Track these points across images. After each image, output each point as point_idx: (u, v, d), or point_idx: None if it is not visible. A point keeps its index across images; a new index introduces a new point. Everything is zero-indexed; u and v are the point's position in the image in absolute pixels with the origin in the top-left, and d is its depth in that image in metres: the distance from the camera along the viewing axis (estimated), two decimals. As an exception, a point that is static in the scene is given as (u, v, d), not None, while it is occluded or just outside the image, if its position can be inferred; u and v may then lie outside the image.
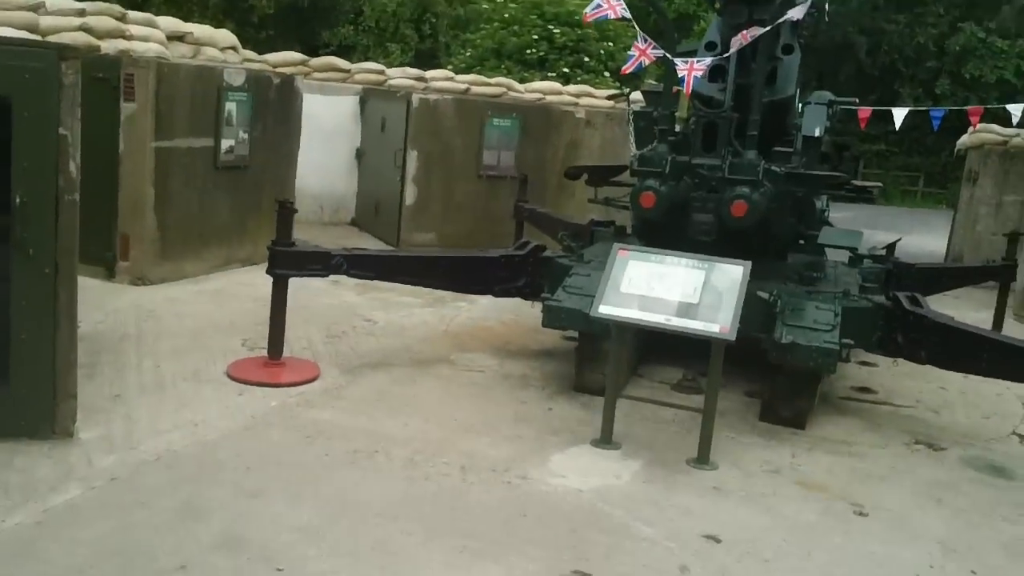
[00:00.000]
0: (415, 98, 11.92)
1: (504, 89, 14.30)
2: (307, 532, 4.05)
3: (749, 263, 5.44)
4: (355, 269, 6.48)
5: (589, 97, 14.91)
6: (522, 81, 16.29)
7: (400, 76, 13.98)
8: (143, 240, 8.42)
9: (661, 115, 6.91)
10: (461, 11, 26.09)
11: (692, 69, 5.94)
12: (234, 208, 9.50)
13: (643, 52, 6.09)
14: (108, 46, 9.59)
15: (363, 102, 13.50)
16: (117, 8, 10.10)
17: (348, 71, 13.76)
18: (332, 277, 6.63)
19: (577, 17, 22.11)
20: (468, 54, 23.20)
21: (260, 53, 13.55)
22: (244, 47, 13.92)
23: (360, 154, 13.57)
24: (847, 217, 11.80)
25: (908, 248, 9.15)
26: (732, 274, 5.39)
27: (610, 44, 22.08)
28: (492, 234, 11.04)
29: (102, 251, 8.31)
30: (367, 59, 23.73)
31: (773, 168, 6.56)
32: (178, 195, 8.73)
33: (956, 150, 15.32)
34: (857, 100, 9.32)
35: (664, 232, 6.78)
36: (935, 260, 13.02)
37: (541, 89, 14.91)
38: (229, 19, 19.59)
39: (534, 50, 21.78)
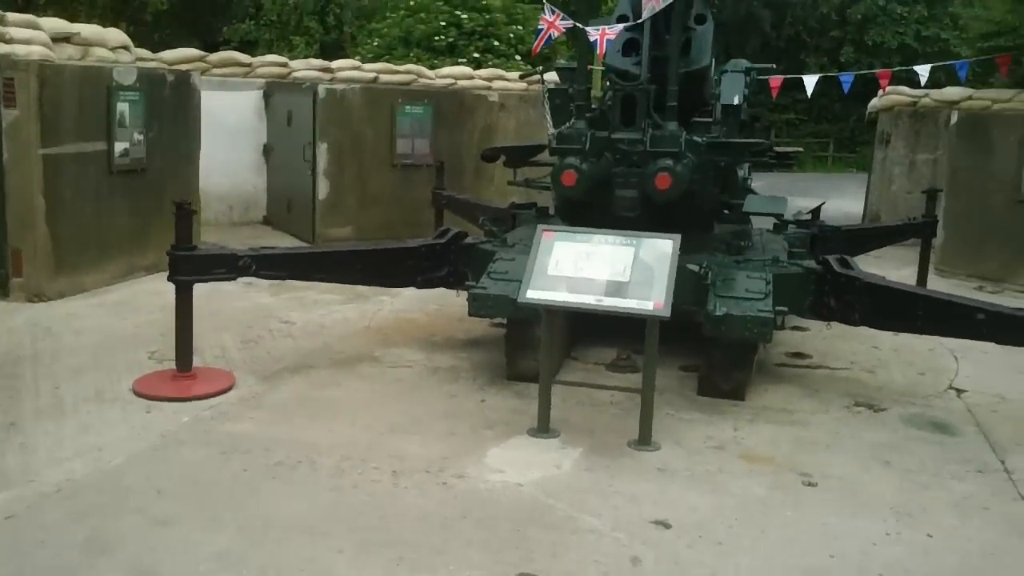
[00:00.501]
0: (321, 89, 11.48)
1: (414, 76, 13.93)
2: (226, 559, 3.69)
3: (678, 236, 5.24)
4: (265, 270, 6.08)
5: (501, 80, 14.66)
6: (432, 68, 15.94)
7: (304, 68, 13.49)
8: (36, 254, 7.85)
9: (577, 91, 6.66)
10: (366, 1, 25.50)
11: (604, 35, 5.70)
12: (133, 214, 8.97)
13: (551, 24, 5.84)
14: (-14, 49, 8.95)
15: (267, 96, 12.99)
16: (-6, 10, 9.45)
17: (249, 65, 13.22)
18: (245, 279, 6.22)
19: (484, 1, 21.87)
20: (375, 44, 22.66)
21: (155, 52, 12.93)
22: (138, 47, 13.29)
23: (268, 150, 13.07)
24: (763, 185, 11.75)
25: (826, 212, 9.13)
26: (661, 248, 5.17)
27: (519, 28, 21.82)
28: (411, 224, 10.71)
29: (-8, 270, 7.75)
30: (270, 53, 23.16)
31: (694, 139, 6.37)
32: (71, 204, 8.18)
33: (867, 113, 15.50)
34: (774, 66, 9.24)
35: (588, 210, 6.54)
36: (853, 222, 13.13)
37: (452, 74, 14.58)
38: (120, 18, 18.76)
39: (442, 37, 21.36)
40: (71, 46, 10.54)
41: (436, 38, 21.34)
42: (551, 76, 9.02)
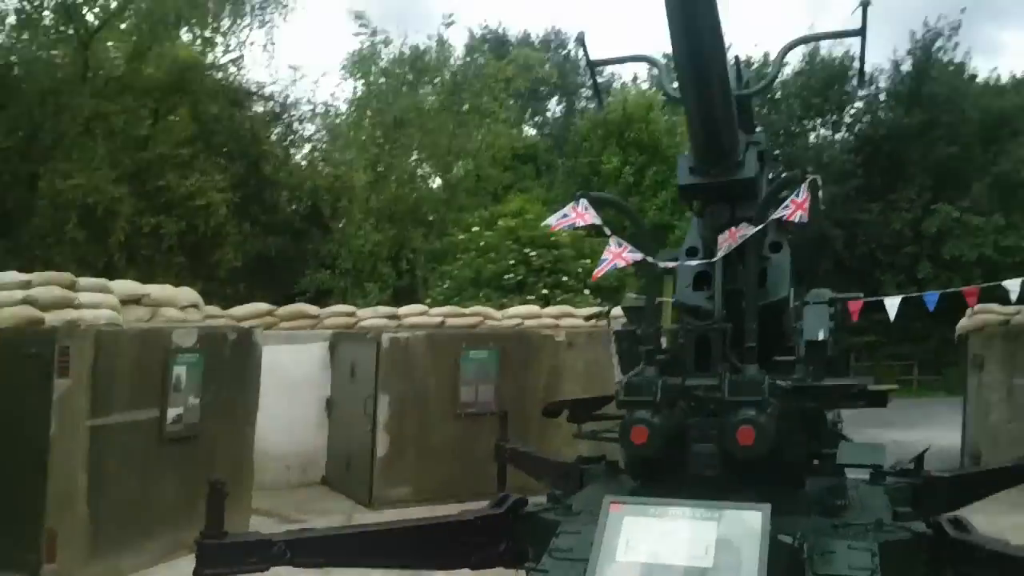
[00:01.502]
0: (385, 338, 11.27)
1: (481, 318, 13.75)
2: None
3: (768, 507, 4.45)
4: (302, 556, 5.41)
5: (569, 317, 14.37)
6: (502, 307, 15.84)
7: (372, 316, 13.44)
8: (73, 536, 7.37)
9: (645, 333, 6.10)
10: (438, 244, 26.19)
11: (616, 255, 5.24)
12: (182, 486, 8.49)
13: (617, 255, 5.38)
14: (54, 318, 8.99)
15: (333, 347, 12.85)
16: (67, 276, 9.60)
17: (317, 317, 13.24)
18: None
19: (552, 238, 22.14)
20: (446, 285, 22.99)
21: (227, 307, 13.07)
22: (211, 303, 13.49)
23: (330, 404, 12.75)
24: (849, 417, 10.82)
25: (919, 445, 8.14)
26: (749, 523, 4.38)
27: (588, 261, 21.94)
28: (475, 480, 9.96)
29: (24, 554, 7.24)
30: (344, 301, 23.58)
31: (778, 382, 5.69)
32: (115, 479, 7.78)
33: (956, 335, 14.60)
34: (862, 295, 8.58)
35: (661, 467, 5.80)
36: (954, 465, 11.91)
37: (519, 314, 14.38)
38: (196, 276, 19.46)
39: (512, 275, 21.57)
40: (141, 307, 10.67)
41: (505, 277, 21.54)
42: (619, 311, 8.58)
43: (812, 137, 37.24)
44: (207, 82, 22.46)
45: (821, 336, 6.28)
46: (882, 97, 36.43)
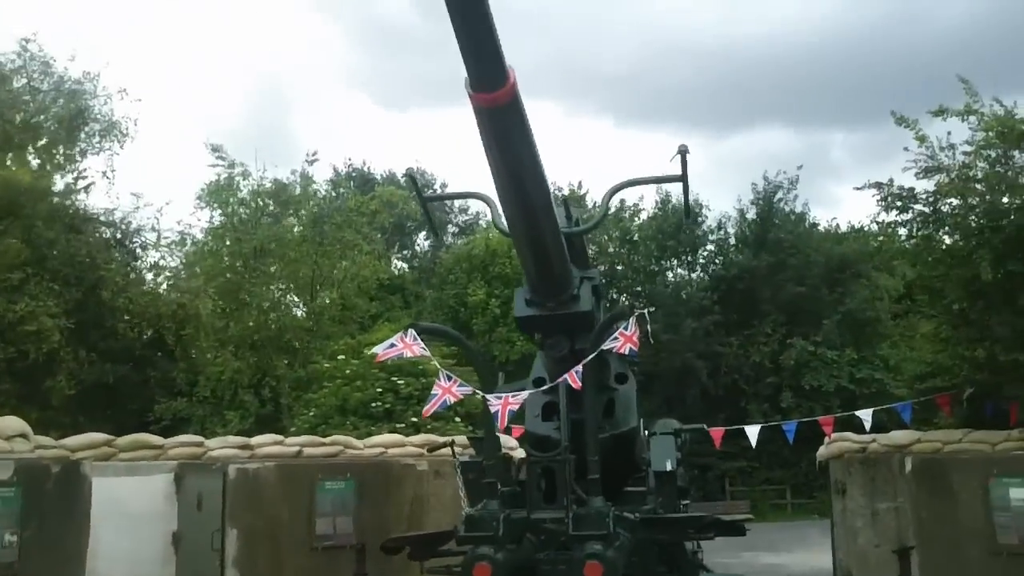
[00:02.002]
0: (231, 469, 10.65)
1: (341, 447, 13.16)
2: None
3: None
4: None
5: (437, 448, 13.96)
6: (369, 435, 15.26)
7: (221, 447, 12.61)
8: None
9: (489, 465, 5.89)
10: (302, 371, 25.42)
11: (507, 404, 5.06)
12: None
13: (447, 390, 5.19)
14: None
15: (179, 479, 11.98)
16: None
17: (161, 447, 12.35)
18: None
19: (420, 367, 21.81)
20: (312, 413, 22.15)
21: (61, 438, 12.08)
22: (48, 433, 12.50)
23: (177, 538, 11.81)
24: (720, 545, 10.71)
25: (793, 568, 8.10)
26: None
27: (460, 390, 21.67)
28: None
29: None
30: (203, 429, 22.37)
31: (625, 514, 5.52)
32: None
33: (818, 462, 14.94)
34: (704, 425, 8.69)
35: None
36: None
37: (382, 443, 13.86)
38: (29, 404, 18.19)
39: (379, 403, 21.01)
40: (-44, 436, 9.73)
41: (373, 405, 20.96)
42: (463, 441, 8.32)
43: (670, 275, 38.72)
44: (41, 207, 21.70)
45: (669, 466, 6.22)
46: (732, 241, 38.50)
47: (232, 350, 24.65)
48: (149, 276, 26.24)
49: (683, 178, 6.34)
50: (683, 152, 6.18)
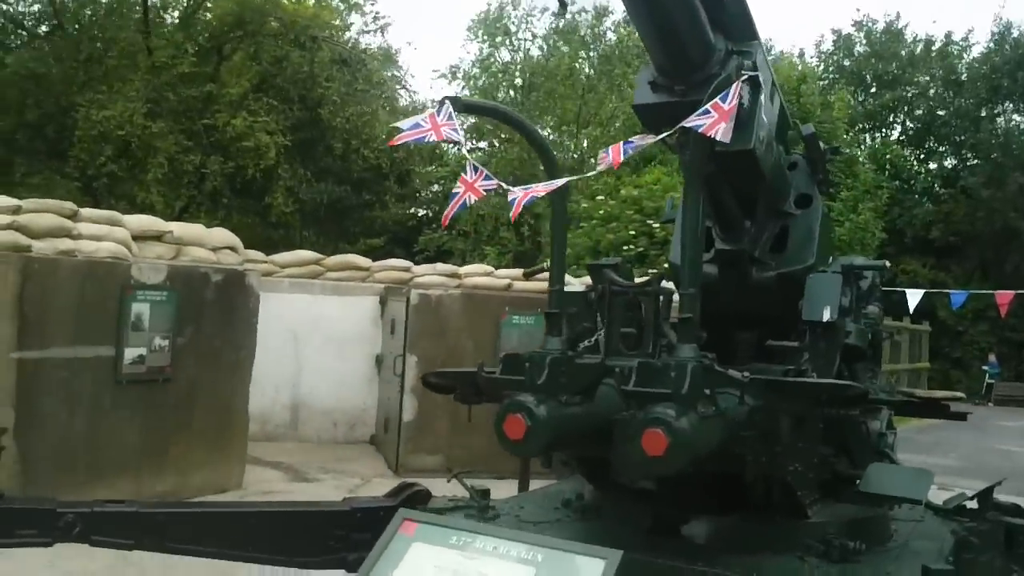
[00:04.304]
0: (414, 294, 10.12)
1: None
2: None
3: (618, 554, 2.89)
4: (100, 535, 4.29)
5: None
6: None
7: (429, 273, 12.24)
8: (-3, 474, 6.66)
9: (554, 291, 4.55)
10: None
11: (526, 195, 3.65)
12: (145, 430, 7.69)
13: (469, 186, 3.84)
14: (45, 246, 8.34)
15: (383, 303, 11.82)
16: (68, 206, 8.94)
17: (368, 269, 12.21)
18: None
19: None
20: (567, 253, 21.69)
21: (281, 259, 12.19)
22: (276, 249, 12.78)
23: (380, 360, 11.76)
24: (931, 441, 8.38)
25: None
26: (580, 574, 2.86)
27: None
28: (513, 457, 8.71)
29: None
30: (463, 263, 22.56)
31: (730, 372, 3.98)
32: (53, 417, 7.00)
33: None
34: (886, 263, 6.39)
35: (592, 471, 4.26)
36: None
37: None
38: (252, 218, 18.82)
39: (632, 246, 19.98)
40: (161, 245, 9.94)
41: (625, 248, 19.96)
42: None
43: (1000, 121, 33.19)
44: (268, 24, 21.49)
45: (827, 316, 4.50)
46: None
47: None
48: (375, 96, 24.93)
49: None
50: None
